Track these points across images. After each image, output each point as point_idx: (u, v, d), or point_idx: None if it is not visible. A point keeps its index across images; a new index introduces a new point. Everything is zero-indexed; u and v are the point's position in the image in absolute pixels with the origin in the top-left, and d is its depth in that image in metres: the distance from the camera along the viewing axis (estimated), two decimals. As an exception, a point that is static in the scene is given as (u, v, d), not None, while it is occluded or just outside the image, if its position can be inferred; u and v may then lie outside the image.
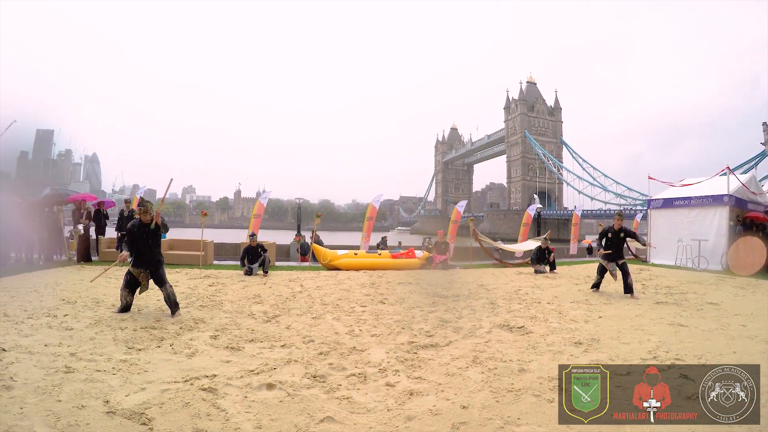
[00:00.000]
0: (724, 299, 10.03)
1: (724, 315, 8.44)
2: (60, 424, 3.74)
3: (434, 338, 6.64)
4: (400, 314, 8.28)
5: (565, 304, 9.41)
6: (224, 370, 5.10)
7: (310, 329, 7.11)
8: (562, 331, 7.07)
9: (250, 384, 4.71)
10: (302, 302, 9.30)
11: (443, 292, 10.63)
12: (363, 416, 4.05)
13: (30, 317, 7.43)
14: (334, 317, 8.01)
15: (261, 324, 7.41)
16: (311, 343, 6.34)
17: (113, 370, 5.03)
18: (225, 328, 7.05)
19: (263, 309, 8.55)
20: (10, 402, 4.14)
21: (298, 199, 30.48)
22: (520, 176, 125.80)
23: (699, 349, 6.09)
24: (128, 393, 4.39)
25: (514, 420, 3.95)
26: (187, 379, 4.78)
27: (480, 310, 8.66)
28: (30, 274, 12.82)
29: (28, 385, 4.54)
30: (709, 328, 7.35)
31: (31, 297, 9.16)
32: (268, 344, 6.24)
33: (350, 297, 10.00)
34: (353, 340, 6.50)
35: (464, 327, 7.32)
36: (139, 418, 3.86)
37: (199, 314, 7.95)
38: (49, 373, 4.87)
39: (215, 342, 6.26)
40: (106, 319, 7.37)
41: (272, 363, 5.39)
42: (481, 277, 13.80)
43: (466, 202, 25.29)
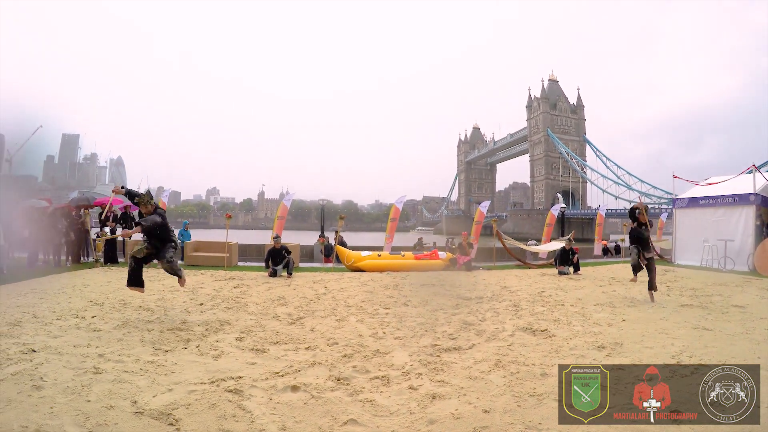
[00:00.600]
0: (750, 302, 9.82)
1: (750, 318, 8.26)
2: (89, 423, 3.84)
3: (457, 341, 6.65)
4: (424, 317, 8.29)
5: (589, 306, 9.32)
6: (249, 372, 5.18)
7: (334, 331, 7.17)
8: (586, 335, 7.02)
9: (275, 386, 4.77)
10: (326, 304, 9.37)
11: (466, 294, 10.59)
12: (386, 419, 4.09)
13: (59, 318, 7.61)
14: (358, 319, 8.06)
15: (285, 326, 7.50)
16: (335, 345, 6.39)
17: (141, 371, 5.13)
18: (250, 330, 7.14)
19: (288, 311, 8.63)
20: (40, 401, 4.25)
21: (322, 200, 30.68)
22: (543, 175, 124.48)
23: (723, 353, 5.98)
24: (156, 394, 4.49)
25: (536, 425, 3.94)
26: (213, 381, 4.86)
27: (503, 313, 8.63)
28: (58, 275, 13.10)
29: (58, 385, 4.66)
30: (734, 332, 7.20)
31: (60, 298, 9.37)
32: (292, 346, 6.31)
33: (374, 299, 10.02)
34: (377, 343, 6.54)
35: (487, 330, 7.31)
36: (166, 419, 3.94)
37: (224, 316, 8.06)
38: (78, 374, 4.99)
39: (240, 344, 6.35)
40: (134, 320, 7.52)
41: (297, 365, 5.45)
42: (505, 279, 13.74)
43: (489, 202, 25.13)
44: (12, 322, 7.28)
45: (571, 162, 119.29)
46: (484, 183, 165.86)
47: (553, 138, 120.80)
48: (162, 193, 24.60)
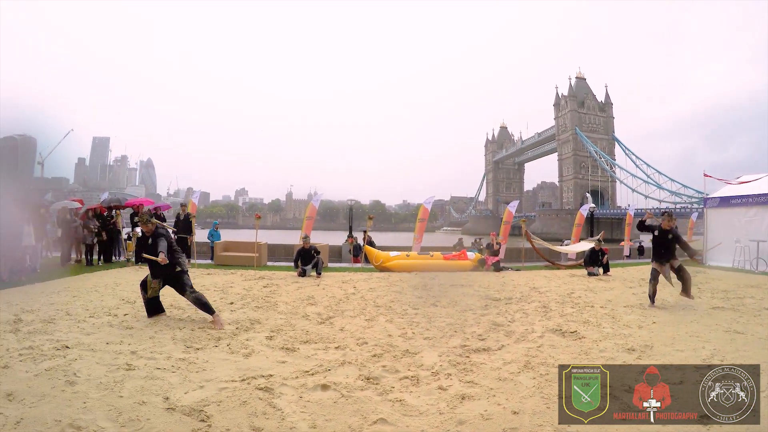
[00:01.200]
0: (783, 304, 9.59)
1: (783, 322, 8.07)
2: (121, 418, 3.90)
3: (486, 342, 6.60)
4: (453, 317, 8.26)
5: (619, 308, 9.18)
6: (280, 371, 5.21)
7: (364, 331, 7.19)
8: (615, 337, 6.90)
9: (305, 384, 4.79)
10: (355, 304, 9.40)
11: (495, 295, 10.55)
12: (415, 419, 4.07)
13: (91, 316, 7.78)
14: (387, 319, 8.06)
15: (315, 325, 7.54)
16: (365, 345, 6.40)
17: (172, 368, 5.21)
18: (280, 328, 7.20)
19: (317, 310, 8.68)
20: (73, 396, 4.34)
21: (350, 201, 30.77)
22: (571, 175, 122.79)
23: (755, 358, 5.78)
24: (187, 390, 4.54)
25: (564, 427, 3.90)
26: (244, 379, 4.91)
27: (532, 314, 8.56)
28: (90, 274, 13.38)
29: (91, 380, 4.76)
30: (767, 336, 7.04)
31: (92, 297, 9.57)
32: (322, 345, 6.34)
33: (403, 299, 10.02)
34: (406, 343, 6.52)
35: (516, 331, 7.25)
36: (198, 415, 3.99)
37: (254, 315, 8.14)
38: (111, 370, 5.09)
39: (271, 342, 6.40)
40: (165, 318, 7.65)
41: (327, 364, 5.47)
42: (534, 280, 13.66)
43: (517, 202, 24.92)
44: (46, 319, 7.47)
45: (599, 161, 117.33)
46: (512, 183, 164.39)
47: (581, 136, 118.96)
48: (192, 194, 24.90)
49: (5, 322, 7.21)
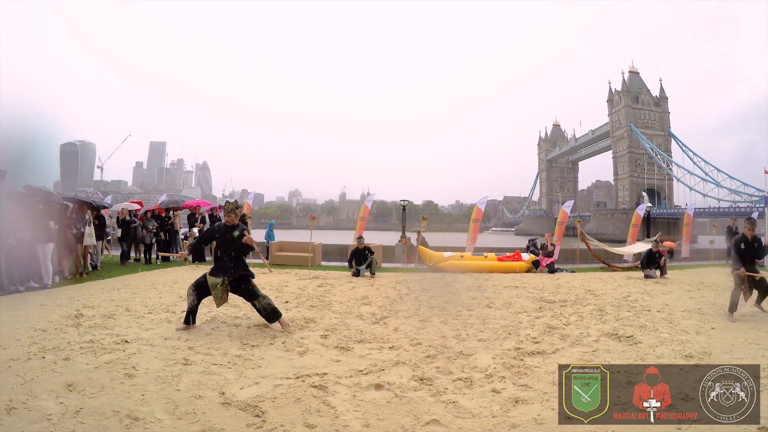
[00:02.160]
0: None
1: None
2: (178, 411, 4.01)
3: (541, 345, 6.48)
4: (507, 319, 8.15)
5: (677, 312, 8.83)
6: (334, 369, 5.25)
7: (418, 332, 7.15)
8: (673, 343, 6.64)
9: (359, 383, 4.81)
10: (409, 304, 9.38)
11: (550, 297, 10.37)
12: (468, 421, 4.02)
13: (150, 312, 8.04)
14: (441, 320, 8.00)
15: (369, 325, 7.56)
16: (419, 345, 6.37)
17: (229, 364, 5.33)
18: (335, 328, 7.26)
19: (371, 310, 8.70)
20: (132, 389, 4.49)
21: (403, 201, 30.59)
22: (627, 173, 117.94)
23: None
24: (243, 386, 4.63)
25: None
26: (298, 376, 4.96)
27: (588, 317, 8.35)
28: (149, 272, 13.80)
29: (149, 374, 4.91)
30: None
31: (151, 294, 9.89)
32: (376, 345, 6.35)
33: (457, 300, 9.95)
34: (460, 344, 6.46)
35: (571, 334, 7.08)
36: (252, 410, 4.05)
37: (309, 314, 8.23)
38: (169, 365, 5.24)
39: (325, 341, 6.46)
40: (222, 316, 7.80)
41: (380, 364, 5.48)
42: (589, 282, 13.35)
43: (572, 201, 24.40)
44: (106, 314, 7.76)
45: (655, 158, 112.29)
46: (566, 182, 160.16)
47: (636, 133, 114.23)
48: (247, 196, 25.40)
49: (67, 317, 7.54)
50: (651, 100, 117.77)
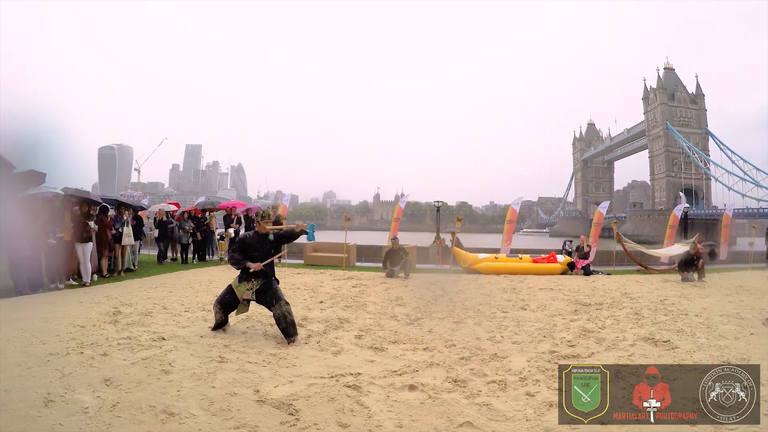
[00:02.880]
0: None
1: None
2: (213, 407, 4.06)
3: (576, 348, 6.37)
4: (542, 321, 8.06)
5: (714, 317, 8.58)
6: (368, 369, 5.25)
7: (452, 333, 7.10)
8: (710, 348, 6.45)
9: (392, 384, 4.80)
10: (443, 306, 9.33)
11: (585, 300, 10.20)
12: (501, 424, 3.98)
13: (186, 311, 8.18)
14: (476, 322, 7.94)
15: (403, 326, 7.54)
16: (453, 347, 6.33)
17: (263, 363, 5.38)
18: (369, 328, 7.27)
19: (405, 311, 8.68)
20: (168, 385, 4.57)
21: (437, 202, 30.50)
22: (663, 173, 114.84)
23: None
24: (277, 384, 4.67)
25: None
26: (332, 376, 4.98)
27: (624, 321, 8.18)
28: (185, 272, 14.03)
29: (185, 371, 4.99)
30: None
31: (187, 292, 10.05)
32: (410, 346, 6.33)
33: (491, 302, 9.87)
34: (494, 347, 6.40)
35: (607, 338, 6.93)
36: (287, 409, 4.08)
37: (344, 314, 8.26)
38: (204, 362, 5.32)
39: (360, 342, 6.47)
40: (257, 315, 7.85)
41: (414, 365, 5.46)
42: (625, 285, 13.06)
43: (608, 202, 24.00)
44: (144, 312, 7.92)
45: (693, 157, 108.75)
46: (601, 182, 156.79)
47: (672, 131, 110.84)
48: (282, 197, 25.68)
49: (105, 314, 7.72)
50: (687, 97, 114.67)
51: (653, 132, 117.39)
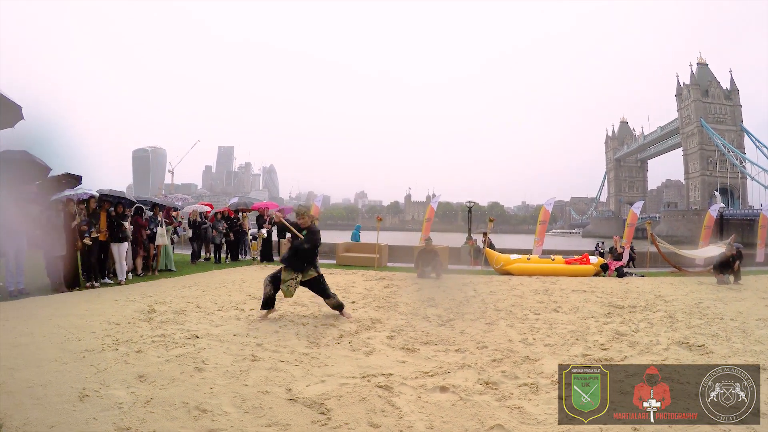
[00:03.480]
0: None
1: None
2: (245, 405, 4.10)
3: (608, 352, 6.24)
4: (574, 324, 7.93)
5: (751, 321, 8.33)
6: (400, 370, 5.23)
7: (484, 335, 7.04)
8: (746, 354, 6.24)
9: (424, 385, 4.77)
10: (475, 307, 9.28)
11: (619, 302, 10.02)
12: (533, 427, 3.93)
13: (220, 309, 8.29)
14: (508, 324, 7.87)
15: (435, 327, 7.49)
16: (484, 349, 6.27)
17: (296, 362, 5.41)
18: (401, 329, 7.23)
19: (437, 312, 8.63)
20: (201, 382, 4.63)
21: (468, 202, 30.27)
22: (698, 171, 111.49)
23: None
24: (309, 384, 4.68)
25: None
26: (364, 376, 4.98)
27: (657, 324, 8.00)
28: (218, 271, 14.23)
29: (218, 368, 5.05)
30: None
31: (221, 292, 10.19)
32: (442, 347, 6.29)
33: (523, 303, 9.79)
34: (526, 349, 6.32)
35: (640, 342, 6.78)
36: (318, 408, 4.09)
37: (375, 314, 8.27)
38: (237, 360, 5.38)
39: (391, 342, 6.45)
40: (289, 314, 7.95)
41: (446, 366, 5.42)
42: (659, 287, 12.83)
43: (642, 202, 23.57)
44: (178, 310, 8.05)
45: (728, 155, 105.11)
46: (634, 181, 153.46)
47: (707, 128, 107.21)
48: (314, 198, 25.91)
49: (140, 312, 7.87)
50: (721, 93, 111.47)
51: (687, 130, 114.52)
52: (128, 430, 3.62)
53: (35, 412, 3.89)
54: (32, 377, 4.69)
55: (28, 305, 8.53)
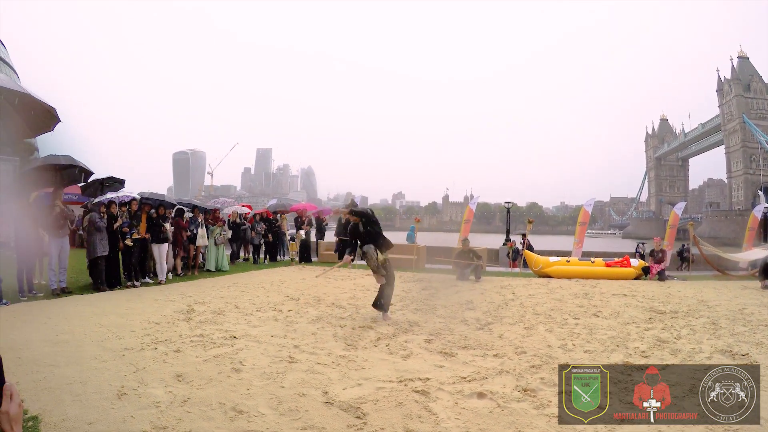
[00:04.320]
0: None
1: None
2: (281, 407, 4.10)
3: (650, 360, 6.05)
4: (615, 330, 7.71)
5: None
6: (437, 375, 5.17)
7: (523, 340, 6.92)
8: None
9: (461, 391, 4.70)
10: (514, 311, 9.14)
11: (660, 308, 9.71)
12: (571, 437, 3.85)
13: (258, 310, 8.36)
14: (547, 328, 7.71)
15: (473, 331, 7.39)
16: (523, 354, 6.15)
17: (333, 365, 5.40)
18: (438, 332, 7.16)
19: (476, 315, 8.54)
20: (238, 383, 4.66)
21: (507, 203, 30.01)
22: (741, 170, 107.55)
23: None
24: (345, 387, 4.66)
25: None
26: (401, 380, 4.93)
27: (700, 331, 7.70)
28: (257, 272, 14.36)
29: (255, 370, 5.08)
30: None
31: (259, 292, 10.27)
32: (480, 352, 6.20)
33: (563, 307, 9.59)
34: (566, 355, 6.18)
35: (682, 350, 6.53)
36: (354, 412, 4.06)
37: (413, 317, 8.22)
38: (275, 361, 5.40)
39: (429, 346, 6.38)
40: (327, 316, 7.97)
41: (484, 372, 5.33)
42: (701, 291, 12.37)
43: (684, 203, 22.99)
44: (216, 311, 8.15)
45: None
46: (675, 180, 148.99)
47: (749, 125, 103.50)
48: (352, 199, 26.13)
49: (179, 312, 8.00)
50: (764, 87, 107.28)
51: (729, 126, 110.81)
52: (164, 429, 3.66)
53: (74, 409, 3.97)
54: (72, 374, 4.80)
55: (70, 304, 8.77)
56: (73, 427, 3.67)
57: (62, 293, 9.69)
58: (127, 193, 12.56)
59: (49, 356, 5.42)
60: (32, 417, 3.81)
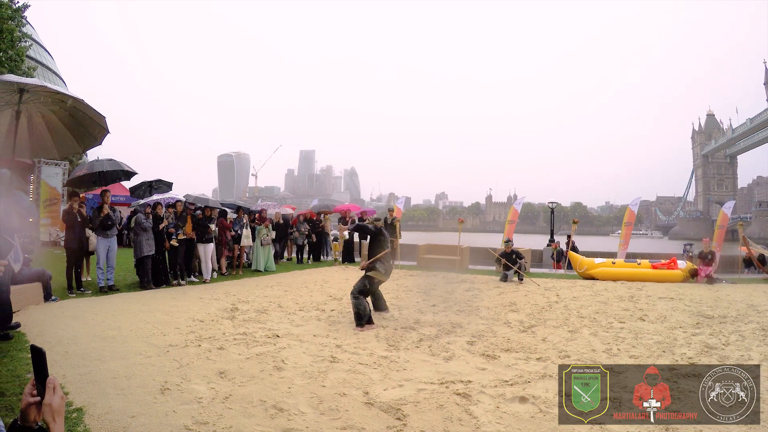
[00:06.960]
0: None
1: None
2: (322, 406, 4.12)
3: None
4: (661, 334, 7.48)
5: None
6: (479, 377, 5.12)
7: (566, 343, 6.78)
8: None
9: (503, 395, 4.64)
10: (558, 313, 8.99)
11: (708, 312, 9.39)
12: (614, 445, 3.75)
13: (301, 309, 8.44)
14: (591, 332, 7.55)
15: (517, 333, 7.30)
16: (567, 358, 6.05)
17: (374, 365, 5.40)
18: (481, 334, 7.09)
19: (519, 318, 8.44)
20: (280, 381, 4.71)
21: (551, 203, 29.59)
22: None
23: None
24: (386, 387, 4.65)
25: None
26: (442, 382, 4.90)
27: (749, 338, 7.40)
28: (300, 272, 14.49)
29: (297, 368, 5.12)
30: None
31: (302, 292, 10.36)
32: (523, 355, 6.11)
33: (608, 311, 9.37)
34: (610, 360, 6.04)
35: (731, 357, 6.31)
36: (395, 413, 4.05)
37: (456, 318, 8.14)
38: (316, 361, 5.44)
39: (471, 348, 6.33)
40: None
41: (527, 375, 5.26)
42: (751, 296, 11.84)
43: (733, 202, 22.14)
44: (260, 309, 8.26)
45: None
46: (723, 179, 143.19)
47: None
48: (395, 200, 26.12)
49: (223, 310, 8.14)
50: None
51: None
52: (206, 424, 3.72)
53: (118, 402, 4.08)
54: (117, 369, 4.94)
55: (117, 301, 9.02)
56: (116, 419, 3.77)
57: (110, 290, 10.00)
58: (173, 195, 12.81)
59: (95, 351, 5.58)
60: (77, 409, 3.93)
